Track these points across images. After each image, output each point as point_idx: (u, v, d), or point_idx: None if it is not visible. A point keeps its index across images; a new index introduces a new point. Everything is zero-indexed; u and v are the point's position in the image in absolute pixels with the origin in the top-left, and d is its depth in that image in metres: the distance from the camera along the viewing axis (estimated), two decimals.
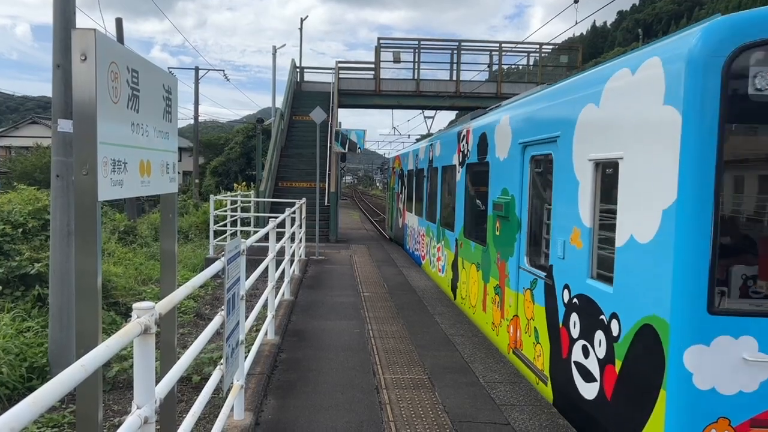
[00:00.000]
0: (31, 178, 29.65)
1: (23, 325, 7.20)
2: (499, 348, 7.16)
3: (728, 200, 3.95)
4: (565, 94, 5.56)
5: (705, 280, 3.63)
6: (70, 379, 1.61)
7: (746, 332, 3.64)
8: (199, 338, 3.40)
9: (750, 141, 3.91)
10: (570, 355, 5.12)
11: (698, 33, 3.73)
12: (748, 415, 3.66)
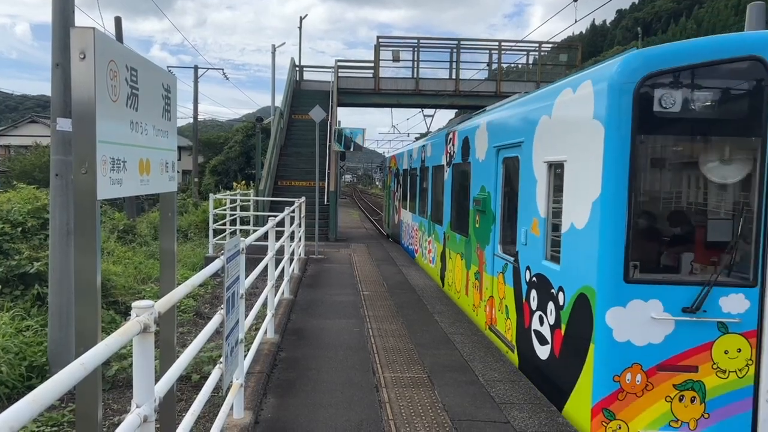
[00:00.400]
0: (30, 177, 29.63)
1: (23, 324, 7.20)
2: (479, 326, 8.10)
3: (641, 194, 4.89)
4: (528, 106, 6.55)
5: (622, 257, 4.61)
6: (70, 378, 1.61)
7: (654, 297, 4.62)
8: (199, 337, 3.40)
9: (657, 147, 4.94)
10: (530, 324, 6.12)
11: (617, 63, 4.73)
12: (655, 362, 4.64)
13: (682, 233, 5.04)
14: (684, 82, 4.54)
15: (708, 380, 4.62)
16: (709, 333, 4.62)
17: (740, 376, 4.61)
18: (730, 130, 4.69)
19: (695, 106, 4.61)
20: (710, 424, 4.63)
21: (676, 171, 5.13)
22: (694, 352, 4.63)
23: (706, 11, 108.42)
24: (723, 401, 4.64)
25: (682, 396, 4.66)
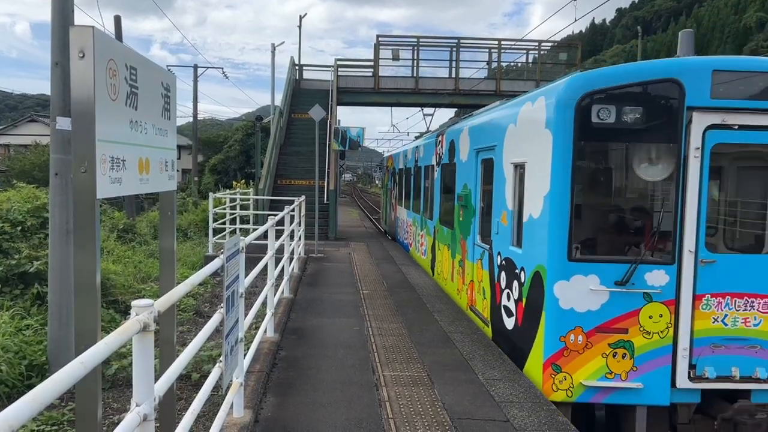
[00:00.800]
0: (29, 176, 29.61)
1: (22, 323, 7.20)
2: (462, 307, 9.10)
3: (582, 189, 5.88)
4: (500, 114, 7.60)
5: (566, 240, 5.62)
6: (69, 377, 1.61)
7: (592, 272, 5.61)
8: (199, 336, 3.40)
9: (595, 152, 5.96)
10: (501, 301, 7.14)
11: (564, 83, 5.79)
12: (593, 325, 5.65)
13: (615, 221, 6.26)
14: (617, 98, 5.54)
15: (636, 340, 5.64)
16: (637, 302, 5.64)
17: (662, 336, 5.64)
18: (654, 137, 5.63)
19: (627, 118, 5.58)
20: (638, 375, 5.65)
21: (611, 171, 6.20)
22: (625, 317, 5.66)
23: (706, 10, 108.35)
24: (648, 357, 5.66)
25: (615, 353, 5.67)
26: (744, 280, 5.64)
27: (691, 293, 5.61)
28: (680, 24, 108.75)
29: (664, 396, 5.65)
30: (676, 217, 5.60)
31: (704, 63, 5.65)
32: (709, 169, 5.59)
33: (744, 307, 5.66)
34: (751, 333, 5.65)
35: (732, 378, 5.61)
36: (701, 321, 5.64)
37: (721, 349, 5.66)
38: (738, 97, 5.54)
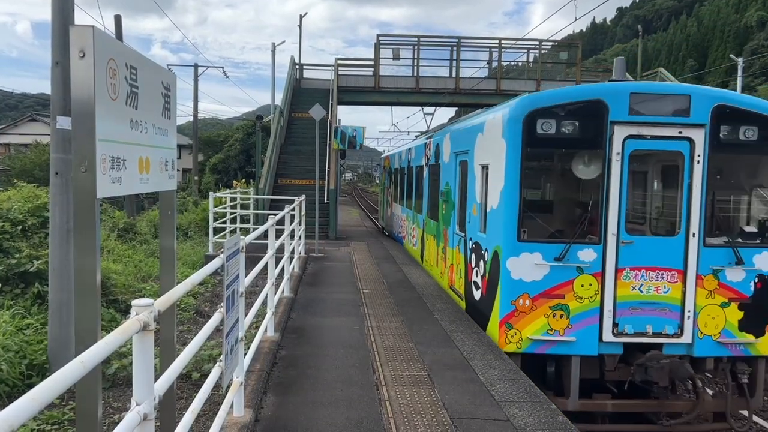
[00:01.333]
0: (30, 175, 29.63)
1: (23, 323, 7.21)
2: (444, 287, 10.52)
3: (529, 186, 7.32)
4: (473, 124, 9.00)
5: (516, 226, 7.02)
6: (70, 376, 1.61)
7: (536, 251, 6.96)
8: (199, 335, 3.40)
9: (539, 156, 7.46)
10: (471, 278, 8.54)
11: (515, 102, 7.23)
12: (537, 292, 6.99)
13: (554, 210, 7.86)
14: (557, 115, 6.92)
15: (571, 304, 6.97)
16: (571, 273, 6.97)
17: (591, 301, 6.97)
18: (586, 144, 7.03)
19: (564, 130, 6.94)
20: (572, 332, 6.99)
21: (552, 171, 7.88)
22: (562, 286, 6.99)
23: (707, 9, 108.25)
24: (580, 317, 6.99)
25: (555, 314, 7.00)
26: (656, 256, 6.99)
27: (614, 267, 6.97)
28: (681, 23, 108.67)
29: (593, 348, 7.00)
30: (602, 208, 6.97)
31: (623, 87, 7.03)
32: (628, 169, 6.96)
33: (656, 278, 7.01)
34: (661, 298, 7.01)
35: (646, 334, 7.00)
36: (622, 289, 6.99)
37: (638, 311, 7.01)
38: (650, 114, 6.92)
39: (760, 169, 7.43)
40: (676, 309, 7.02)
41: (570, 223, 7.35)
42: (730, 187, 7.45)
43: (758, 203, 7.34)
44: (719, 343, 7.07)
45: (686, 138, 6.97)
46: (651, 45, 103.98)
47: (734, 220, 7.45)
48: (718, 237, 7.15)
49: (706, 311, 7.04)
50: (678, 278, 7.02)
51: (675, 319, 7.01)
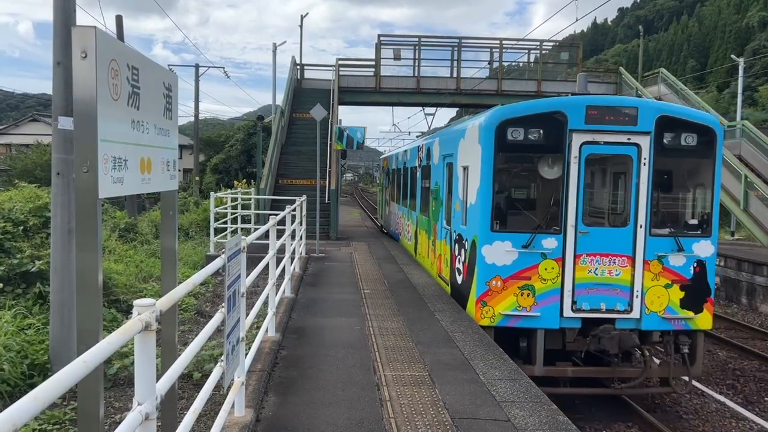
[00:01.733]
0: (31, 175, 29.66)
1: (24, 323, 7.21)
2: (433, 275, 11.73)
3: (500, 185, 8.41)
4: (456, 130, 10.25)
5: (489, 218, 8.13)
6: (72, 375, 1.62)
7: (507, 239, 8.06)
8: (200, 335, 3.40)
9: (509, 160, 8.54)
10: (456, 265, 9.65)
11: (489, 113, 8.44)
12: (508, 274, 8.08)
13: (522, 205, 8.77)
14: (524, 124, 8.03)
15: (536, 284, 8.04)
16: (536, 258, 8.04)
17: (553, 282, 8.05)
18: (549, 149, 8.12)
19: (531, 137, 8.04)
20: (538, 308, 8.07)
21: (520, 171, 8.96)
22: (529, 269, 8.08)
23: (708, 9, 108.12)
24: (544, 296, 8.07)
25: (522, 293, 8.08)
26: (609, 244, 8.07)
27: (572, 253, 8.05)
28: (682, 23, 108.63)
29: (555, 322, 8.08)
30: (562, 202, 8.04)
31: (581, 100, 8.18)
32: (586, 170, 8.09)
33: (609, 263, 8.07)
34: (613, 280, 8.08)
35: (600, 310, 8.10)
36: (580, 272, 8.06)
37: (593, 291, 8.08)
38: (603, 123, 7.98)
39: (699, 170, 8.50)
40: (626, 289, 8.11)
41: (535, 216, 8.48)
42: (673, 185, 8.61)
43: (697, 200, 8.60)
44: (663, 319, 8.16)
45: (634, 144, 8.06)
46: (652, 45, 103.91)
47: (676, 213, 8.60)
48: (662, 228, 8.25)
49: (652, 291, 8.13)
50: (628, 263, 8.11)
51: (625, 298, 8.12)
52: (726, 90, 59.69)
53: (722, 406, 8.72)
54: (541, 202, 8.61)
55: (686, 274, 8.19)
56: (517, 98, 28.24)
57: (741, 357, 11.06)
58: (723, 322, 13.60)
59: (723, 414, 8.45)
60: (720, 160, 8.36)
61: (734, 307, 15.18)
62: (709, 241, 8.24)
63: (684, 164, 8.55)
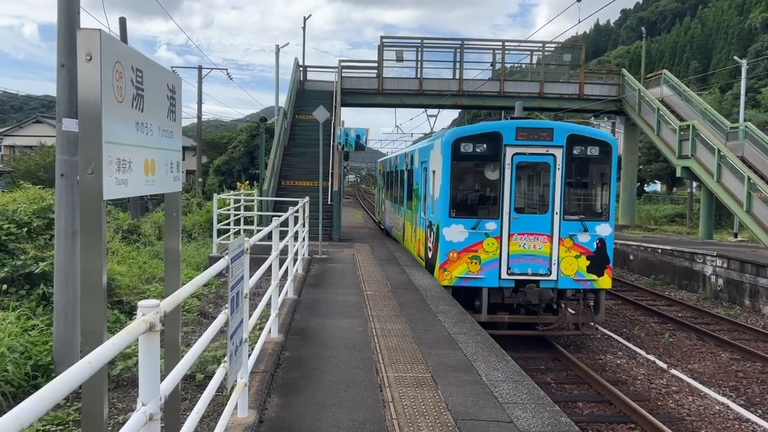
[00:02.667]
0: (35, 177, 29.73)
1: (28, 324, 7.22)
2: (414, 255, 14.71)
3: (456, 184, 11.19)
4: (430, 143, 13.03)
5: (448, 208, 11.01)
6: (78, 376, 1.63)
7: (460, 223, 10.92)
8: (203, 336, 3.41)
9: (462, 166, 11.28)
10: (428, 245, 12.51)
11: (448, 132, 11.62)
12: (461, 248, 10.87)
13: (472, 198, 11.46)
14: (473, 140, 10.93)
15: (482, 255, 10.79)
16: (481, 237, 10.86)
17: (494, 254, 10.86)
18: (490, 158, 10.99)
19: (477, 149, 10.97)
20: (483, 272, 10.86)
21: (470, 174, 11.60)
22: (476, 245, 10.92)
23: (710, 11, 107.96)
24: (487, 264, 10.90)
25: (472, 262, 10.88)
26: (534, 226, 10.96)
27: (507, 233, 10.94)
28: (685, 25, 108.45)
29: (495, 282, 11.00)
30: (500, 196, 10.98)
31: (513, 123, 11.20)
32: (516, 173, 10.95)
33: (534, 240, 10.94)
34: (537, 252, 10.96)
35: (527, 274, 10.98)
36: (513, 246, 10.95)
37: (522, 260, 10.94)
38: (529, 140, 10.87)
39: (599, 173, 11.40)
40: (546, 259, 10.99)
41: (481, 206, 11.34)
42: (580, 184, 11.43)
43: (598, 194, 11.49)
44: (574, 280, 11.07)
45: (551, 154, 10.98)
46: (654, 47, 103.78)
47: (583, 204, 11.40)
48: (572, 215, 11.05)
49: (565, 260, 11.01)
50: (547, 240, 10.99)
51: (546, 265, 11.00)
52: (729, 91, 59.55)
53: (725, 408, 8.70)
54: (485, 196, 11.45)
55: (591, 248, 11.09)
56: (520, 100, 28.27)
57: (744, 359, 11.04)
58: (726, 324, 13.58)
59: (725, 416, 8.44)
60: (615, 166, 11.34)
61: (737, 308, 15.14)
62: (608, 224, 11.18)
63: (588, 169, 11.40)
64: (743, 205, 19.64)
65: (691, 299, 16.51)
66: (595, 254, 11.03)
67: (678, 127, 23.40)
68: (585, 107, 28.50)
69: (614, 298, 16.19)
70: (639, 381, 9.78)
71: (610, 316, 14.21)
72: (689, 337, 12.55)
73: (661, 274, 19.02)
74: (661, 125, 24.72)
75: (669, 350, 11.64)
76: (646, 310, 14.84)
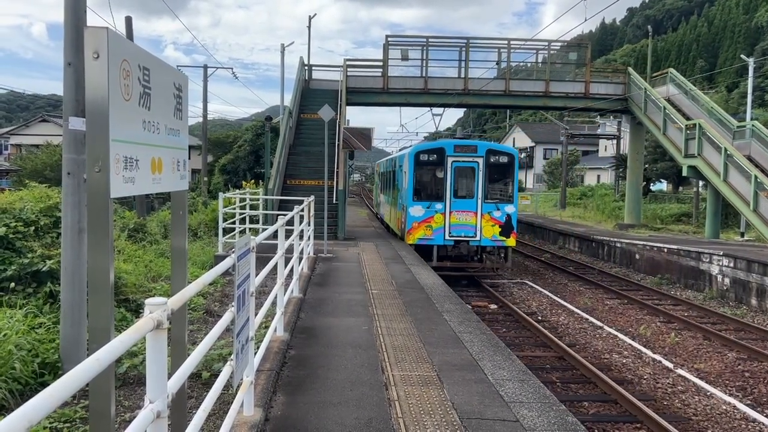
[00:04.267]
0: (41, 176, 29.85)
1: (35, 322, 7.26)
2: (394, 230, 20.63)
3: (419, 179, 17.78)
4: (403, 154, 19.88)
5: (412, 195, 17.40)
6: (86, 373, 1.63)
7: (419, 204, 17.26)
8: (210, 334, 3.42)
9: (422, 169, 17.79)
10: (401, 221, 18.70)
11: (412, 147, 20.53)
12: (420, 221, 17.19)
13: (427, 189, 17.53)
14: (428, 153, 17.42)
15: (433, 225, 16.94)
16: (432, 213, 16.95)
17: (440, 224, 17.04)
18: (438, 164, 17.24)
19: (430, 158, 17.33)
20: (433, 236, 17.01)
21: (427, 174, 17.55)
22: (429, 218, 17.03)
23: (717, 9, 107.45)
24: (436, 231, 17.08)
25: (427, 229, 16.95)
26: (466, 206, 16.86)
27: (449, 211, 16.85)
28: (691, 23, 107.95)
29: (441, 241, 16.84)
30: (444, 188, 16.92)
31: (452, 142, 17.63)
32: (454, 174, 16.98)
33: (465, 215, 16.84)
34: (468, 223, 16.85)
35: (462, 237, 16.87)
36: (452, 219, 16.90)
37: (458, 227, 16.85)
38: (463, 153, 17.00)
39: (506, 174, 17.47)
40: (474, 227, 16.90)
41: (433, 194, 17.27)
42: (494, 180, 17.47)
43: (506, 187, 17.47)
44: (491, 240, 16.97)
45: (476, 161, 17.01)
46: (661, 45, 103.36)
47: (496, 192, 17.31)
48: (489, 199, 16.99)
49: (485, 228, 16.91)
50: (474, 215, 16.92)
51: (473, 231, 16.89)
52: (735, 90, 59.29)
53: (732, 407, 8.67)
54: (435, 187, 17.41)
55: (501, 220, 17.03)
56: (525, 99, 28.27)
57: (751, 358, 10.99)
58: (732, 324, 13.53)
59: (732, 416, 8.41)
60: (517, 169, 17.53)
61: (744, 308, 15.08)
62: (512, 205, 17.15)
63: (499, 171, 17.47)
64: (750, 205, 19.54)
65: (697, 299, 16.45)
66: (504, 224, 17.12)
67: (684, 126, 23.30)
68: (590, 106, 28.42)
69: (619, 298, 16.17)
70: (645, 380, 9.75)
71: (616, 315, 14.20)
72: (695, 337, 12.49)
73: (667, 273, 18.95)
74: (668, 124, 24.61)
75: (675, 350, 11.60)
76: (651, 309, 14.79)
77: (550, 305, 15.30)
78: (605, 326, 13.09)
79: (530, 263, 22.65)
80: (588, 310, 14.69)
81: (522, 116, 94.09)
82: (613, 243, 22.75)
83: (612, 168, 46.26)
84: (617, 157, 41.69)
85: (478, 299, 15.44)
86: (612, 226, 29.20)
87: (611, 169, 47.68)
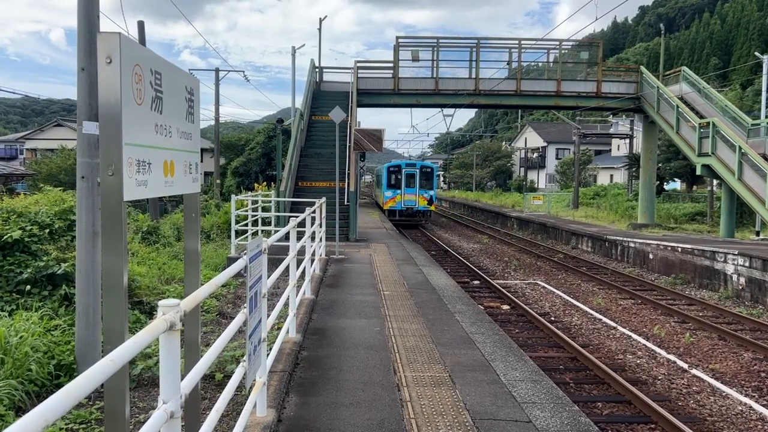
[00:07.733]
0: (56, 179, 30.17)
1: (51, 324, 7.34)
2: (380, 204, 39.42)
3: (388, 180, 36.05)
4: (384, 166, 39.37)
5: (386, 186, 36.09)
6: (101, 373, 1.66)
7: (392, 190, 35.86)
8: (223, 335, 3.44)
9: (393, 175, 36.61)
10: (381, 200, 38.33)
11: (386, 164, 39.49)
12: (389, 198, 35.77)
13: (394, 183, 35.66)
14: (395, 168, 35.95)
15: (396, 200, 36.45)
16: (395, 194, 35.31)
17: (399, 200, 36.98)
18: (398, 172, 35.47)
19: (395, 170, 35.69)
20: (396, 206, 35.27)
21: (392, 177, 35.70)
22: (395, 197, 35.36)
23: (730, 6, 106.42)
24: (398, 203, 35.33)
25: (394, 203, 35.29)
26: (411, 192, 35.08)
27: (403, 194, 35.04)
28: (704, 21, 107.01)
29: (400, 207, 35.05)
30: (402, 183, 35.01)
31: (406, 162, 38.41)
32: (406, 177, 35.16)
33: (412, 195, 35.05)
34: (412, 199, 35.14)
35: (410, 206, 35.33)
36: (405, 198, 35.02)
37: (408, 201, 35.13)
38: (409, 167, 35.63)
39: (430, 176, 35.29)
40: (415, 201, 34.77)
41: (396, 186, 34.84)
42: (425, 180, 34.95)
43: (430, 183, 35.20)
44: (424, 207, 35.09)
45: (416, 170, 34.95)
46: (673, 43, 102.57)
47: (425, 185, 34.99)
48: (422, 189, 34.80)
49: (419, 201, 34.75)
50: (415, 196, 34.71)
51: (414, 203, 34.77)
52: (750, 87, 58.72)
53: (747, 408, 8.58)
54: (397, 183, 34.59)
55: (427, 197, 34.66)
56: (537, 98, 28.18)
57: (767, 358, 10.88)
58: (748, 323, 13.39)
59: (748, 416, 8.32)
60: (436, 175, 36.59)
61: (759, 308, 14.92)
62: (432, 191, 34.98)
63: (426, 175, 34.86)
64: (765, 203, 19.34)
65: (712, 298, 16.30)
66: (429, 199, 34.58)
67: (698, 125, 23.11)
68: (602, 105, 28.26)
69: (633, 298, 16.06)
70: (659, 381, 9.68)
71: (629, 315, 14.12)
72: (710, 337, 12.38)
73: (681, 273, 18.80)
74: (681, 123, 24.42)
75: (690, 350, 11.50)
76: (666, 309, 14.68)
77: (563, 306, 15.23)
78: (619, 327, 13.00)
79: (543, 264, 22.53)
80: (601, 311, 14.60)
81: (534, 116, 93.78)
82: (627, 243, 22.60)
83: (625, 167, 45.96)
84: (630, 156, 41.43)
85: (491, 300, 15.35)
86: (625, 225, 29.01)
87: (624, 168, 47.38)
